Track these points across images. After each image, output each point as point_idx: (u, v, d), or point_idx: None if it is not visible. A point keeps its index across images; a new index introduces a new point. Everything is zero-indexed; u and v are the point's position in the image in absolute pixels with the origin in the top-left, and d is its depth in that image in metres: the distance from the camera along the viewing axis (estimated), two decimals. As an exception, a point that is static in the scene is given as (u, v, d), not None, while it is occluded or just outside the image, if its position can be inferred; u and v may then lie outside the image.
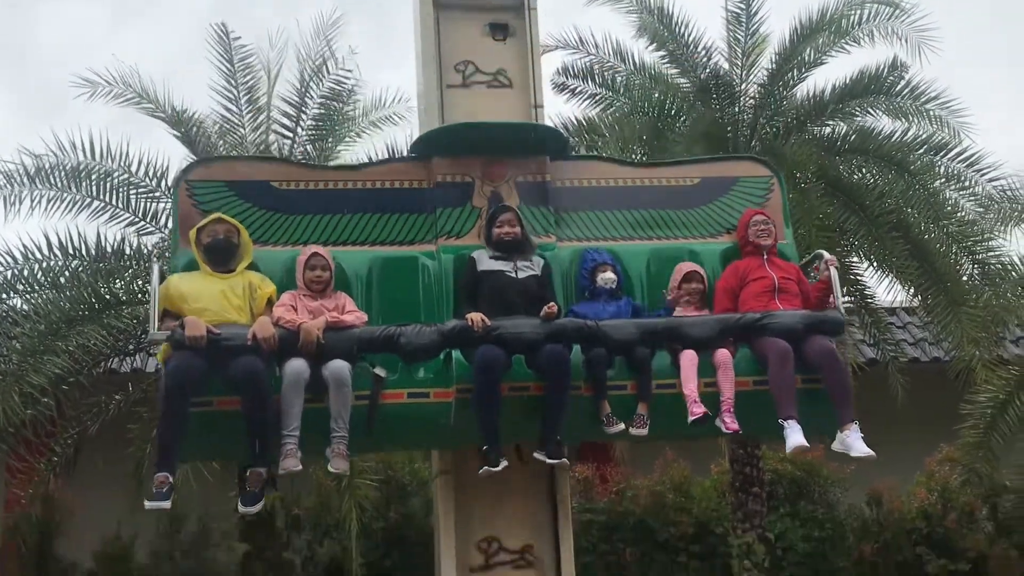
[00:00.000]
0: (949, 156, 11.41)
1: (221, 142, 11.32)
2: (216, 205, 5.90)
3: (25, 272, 10.19)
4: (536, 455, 5.57)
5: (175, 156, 11.82)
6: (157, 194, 10.84)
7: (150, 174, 10.75)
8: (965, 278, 11.32)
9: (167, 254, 6.37)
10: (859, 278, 11.80)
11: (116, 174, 10.62)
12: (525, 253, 5.90)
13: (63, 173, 10.35)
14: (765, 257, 6.09)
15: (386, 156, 10.50)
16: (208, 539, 11.79)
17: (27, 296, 10.34)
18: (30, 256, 10.17)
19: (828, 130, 11.75)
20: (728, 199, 6.40)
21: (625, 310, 5.92)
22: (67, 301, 10.19)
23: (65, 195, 10.38)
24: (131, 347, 11.79)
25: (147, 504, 5.24)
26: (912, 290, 11.31)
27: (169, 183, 10.80)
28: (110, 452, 11.12)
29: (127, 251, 10.67)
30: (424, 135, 6.21)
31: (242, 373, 5.15)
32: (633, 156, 11.80)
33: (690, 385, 5.62)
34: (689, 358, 5.67)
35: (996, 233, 11.75)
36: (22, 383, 9.59)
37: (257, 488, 5.40)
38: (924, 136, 11.40)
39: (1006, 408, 11.82)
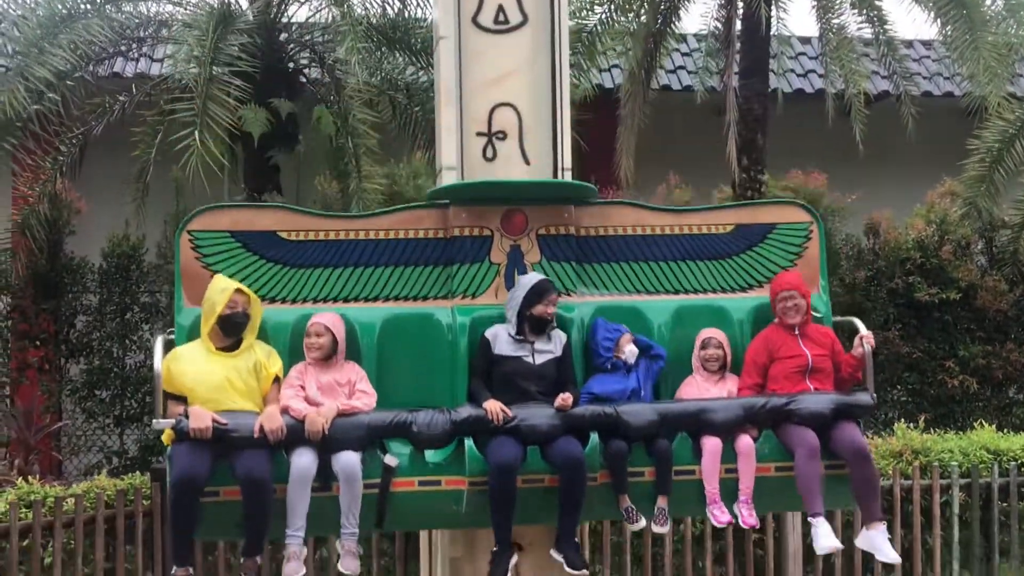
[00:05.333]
0: None
1: None
2: (220, 257, 5.57)
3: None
4: (553, 554, 5.42)
5: None
6: None
7: None
8: (988, 3, 11.05)
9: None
10: (878, 3, 11.50)
11: None
12: (546, 332, 5.58)
13: None
14: (797, 332, 5.75)
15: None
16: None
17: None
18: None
19: None
20: (763, 248, 6.03)
21: (645, 373, 5.64)
22: (68, -6, 9.97)
23: None
24: (134, 48, 11.66)
25: None
26: (932, 15, 11.03)
27: None
28: (115, 155, 11.16)
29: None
30: (442, 188, 5.78)
31: (244, 477, 5.03)
32: None
33: (712, 481, 5.45)
34: (712, 451, 5.47)
35: (1024, -39, 11.40)
36: (27, 76, 9.51)
37: (252, 574, 5.29)
38: None
39: (1013, 143, 11.82)
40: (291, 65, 11.73)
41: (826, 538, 5.39)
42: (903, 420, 9.97)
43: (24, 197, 10.92)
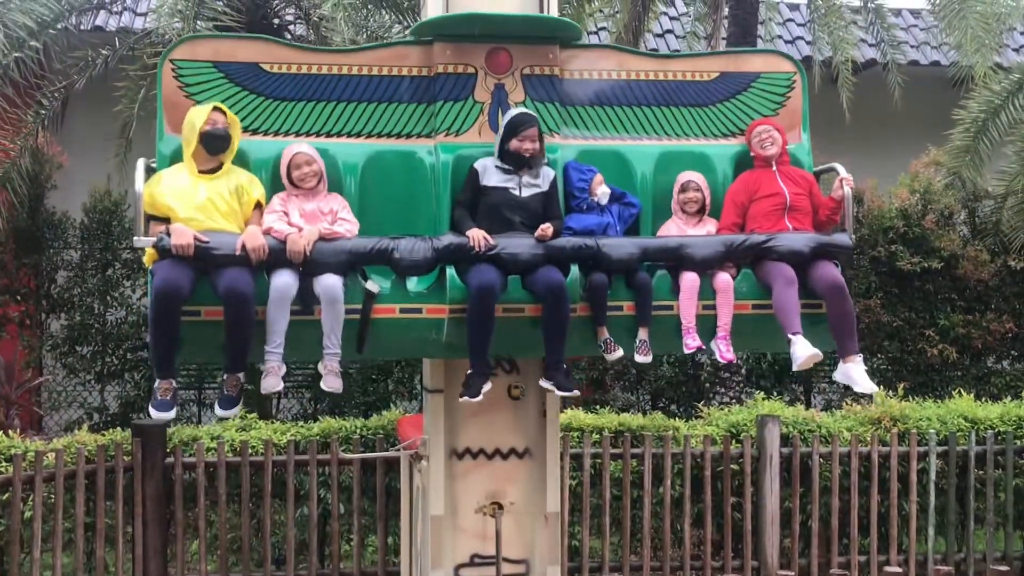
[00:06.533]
0: None
1: None
2: (203, 87, 5.53)
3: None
4: (543, 384, 5.49)
5: None
6: None
7: None
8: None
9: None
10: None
11: None
12: (534, 168, 5.59)
13: None
14: (775, 168, 5.78)
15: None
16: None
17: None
18: None
19: None
20: (746, 97, 6.03)
21: (618, 219, 5.68)
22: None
23: None
24: (117, 1, 11.53)
25: (152, 413, 5.19)
26: (922, -17, 11.02)
27: None
28: (98, 110, 11.07)
29: None
30: (426, 22, 5.77)
31: (227, 291, 5.01)
32: None
33: (688, 314, 5.51)
34: (689, 284, 5.52)
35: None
36: (7, 23, 9.40)
37: (235, 392, 5.29)
38: None
39: (999, 114, 11.81)
40: (276, 21, 11.63)
41: (803, 348, 5.38)
42: (883, 388, 10.02)
43: (5, 151, 10.82)
